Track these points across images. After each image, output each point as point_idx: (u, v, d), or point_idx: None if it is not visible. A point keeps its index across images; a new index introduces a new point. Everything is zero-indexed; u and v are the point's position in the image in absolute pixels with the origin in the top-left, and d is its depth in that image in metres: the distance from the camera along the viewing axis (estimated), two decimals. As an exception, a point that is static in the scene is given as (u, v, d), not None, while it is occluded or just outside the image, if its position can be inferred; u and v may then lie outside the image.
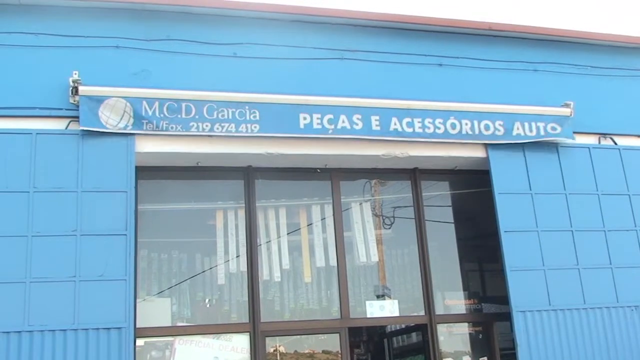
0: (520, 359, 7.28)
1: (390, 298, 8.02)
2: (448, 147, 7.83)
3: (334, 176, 8.01)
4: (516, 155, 8.00)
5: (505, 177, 7.88)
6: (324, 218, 8.01)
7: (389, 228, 8.48)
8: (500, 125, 7.89)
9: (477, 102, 7.90)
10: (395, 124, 7.49)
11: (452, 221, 8.65)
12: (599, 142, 8.45)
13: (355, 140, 7.44)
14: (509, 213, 7.75)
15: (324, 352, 7.76)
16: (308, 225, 8.04)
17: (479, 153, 7.94)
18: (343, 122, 7.32)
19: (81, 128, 6.71)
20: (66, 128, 6.80)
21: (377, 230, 8.32)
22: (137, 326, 6.75)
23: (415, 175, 8.26)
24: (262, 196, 7.79)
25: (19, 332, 6.12)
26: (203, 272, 7.58)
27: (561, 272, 7.68)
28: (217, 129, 7.00)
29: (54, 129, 6.76)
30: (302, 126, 7.19)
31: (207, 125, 6.98)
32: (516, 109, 8.01)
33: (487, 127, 7.85)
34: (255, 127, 7.08)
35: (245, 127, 7.06)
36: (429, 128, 7.61)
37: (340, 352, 7.50)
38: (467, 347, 8.21)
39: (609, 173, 8.28)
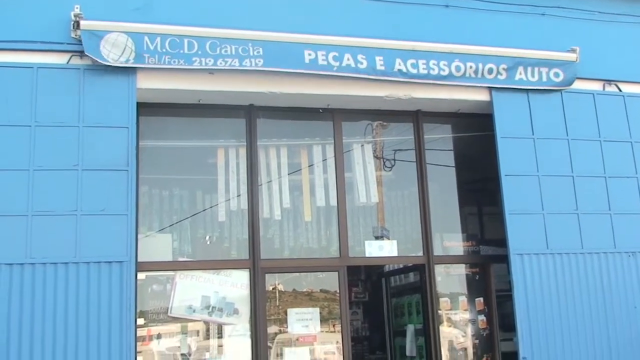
0: (516, 300, 7.37)
1: (389, 239, 8.09)
2: (452, 90, 7.77)
3: (336, 117, 7.98)
4: (520, 100, 7.94)
5: (508, 121, 7.85)
6: (326, 159, 8.01)
7: (390, 170, 8.49)
8: (503, 69, 7.81)
9: (482, 45, 7.80)
10: (399, 64, 7.41)
11: (453, 164, 8.64)
12: (604, 89, 8.37)
13: (359, 81, 7.36)
14: (511, 157, 7.74)
15: (321, 291, 7.86)
16: (309, 166, 8.04)
17: (483, 96, 7.89)
18: (348, 60, 7.24)
19: (86, 54, 6.63)
20: (67, 62, 6.73)
21: (377, 171, 8.33)
22: (139, 261, 6.80)
23: (417, 117, 8.22)
24: (263, 135, 7.76)
25: (22, 264, 6.18)
26: (204, 210, 7.62)
27: (560, 216, 7.72)
28: (221, 63, 6.91)
29: (55, 63, 6.70)
30: (307, 61, 7.09)
31: (209, 61, 6.89)
32: (522, 53, 7.91)
33: (490, 71, 7.77)
34: (259, 61, 6.98)
35: (249, 62, 6.97)
36: (433, 70, 7.53)
37: (338, 290, 7.60)
38: (464, 288, 8.33)
39: (612, 120, 8.23)
